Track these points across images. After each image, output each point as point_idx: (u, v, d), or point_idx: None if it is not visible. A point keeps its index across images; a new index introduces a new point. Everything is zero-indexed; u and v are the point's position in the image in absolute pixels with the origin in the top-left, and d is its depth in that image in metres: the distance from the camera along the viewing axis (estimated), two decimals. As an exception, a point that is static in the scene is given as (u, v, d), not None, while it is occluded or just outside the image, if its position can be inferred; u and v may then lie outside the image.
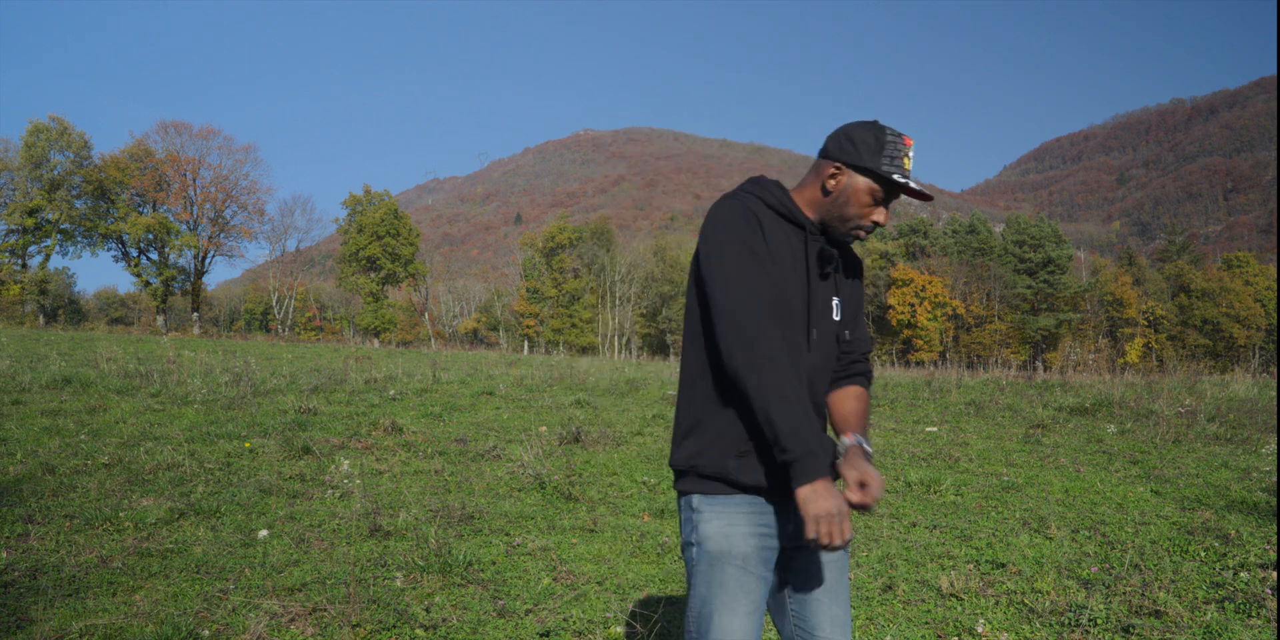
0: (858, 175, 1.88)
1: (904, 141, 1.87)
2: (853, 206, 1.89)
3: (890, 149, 1.85)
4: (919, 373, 20.74)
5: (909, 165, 1.87)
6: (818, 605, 1.90)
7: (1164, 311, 66.12)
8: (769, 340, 1.70)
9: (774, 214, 1.89)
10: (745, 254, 1.79)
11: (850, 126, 1.91)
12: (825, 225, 1.94)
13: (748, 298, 1.74)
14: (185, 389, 9.90)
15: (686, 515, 1.88)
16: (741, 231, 1.80)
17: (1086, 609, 3.58)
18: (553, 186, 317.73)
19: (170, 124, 52.48)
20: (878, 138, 1.86)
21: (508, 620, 3.58)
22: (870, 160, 1.85)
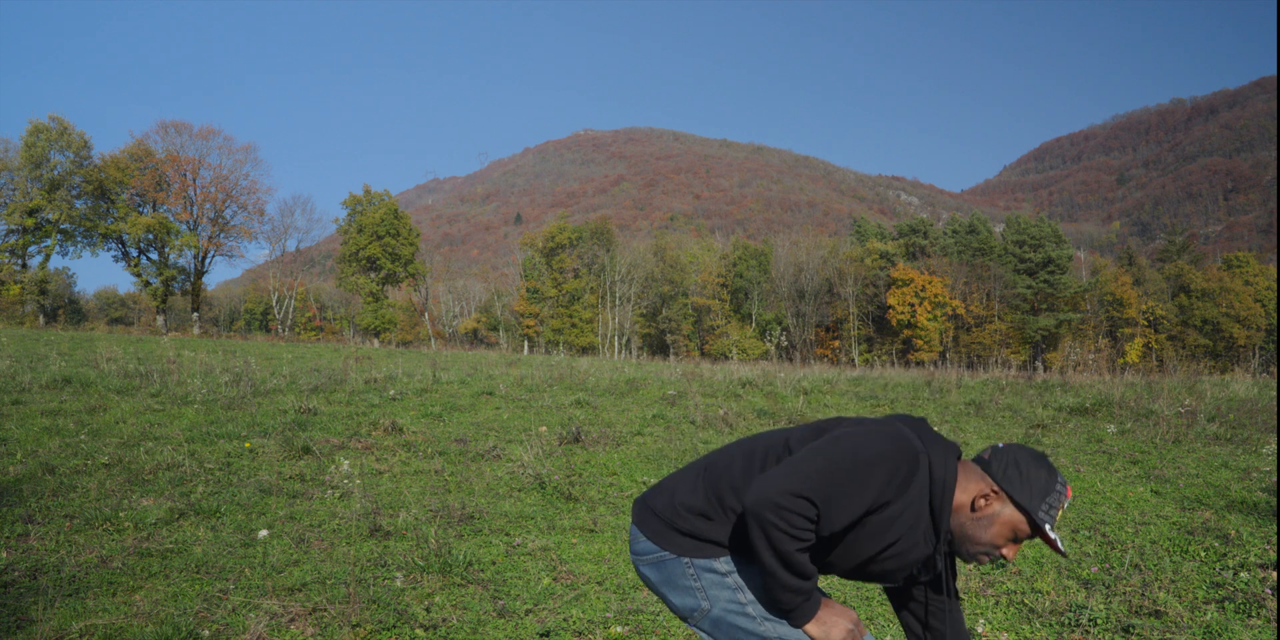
0: (1011, 508, 1.82)
1: (1066, 493, 1.84)
2: (991, 534, 1.83)
3: (1054, 498, 1.81)
4: (919, 373, 20.73)
5: (1059, 516, 1.87)
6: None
7: (1164, 311, 66.11)
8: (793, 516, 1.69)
9: (928, 502, 1.83)
10: (857, 483, 1.73)
11: (1024, 456, 1.86)
12: (952, 535, 1.88)
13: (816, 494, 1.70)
14: (185, 389, 9.90)
15: (713, 578, 1.86)
16: (882, 473, 1.75)
17: (1086, 609, 3.58)
18: (553, 186, 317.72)
19: (170, 124, 52.42)
20: (1049, 482, 1.81)
21: (508, 620, 3.58)
22: (1031, 502, 1.80)
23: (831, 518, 1.73)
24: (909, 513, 1.80)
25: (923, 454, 1.81)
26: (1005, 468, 1.84)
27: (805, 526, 1.71)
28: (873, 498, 1.75)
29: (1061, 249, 65.42)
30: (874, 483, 1.74)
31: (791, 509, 1.69)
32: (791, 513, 1.69)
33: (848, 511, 1.74)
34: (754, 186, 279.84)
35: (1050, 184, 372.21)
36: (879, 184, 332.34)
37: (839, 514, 1.74)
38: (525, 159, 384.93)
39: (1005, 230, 69.46)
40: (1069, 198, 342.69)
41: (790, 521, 1.69)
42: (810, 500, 1.70)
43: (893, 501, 1.77)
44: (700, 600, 1.86)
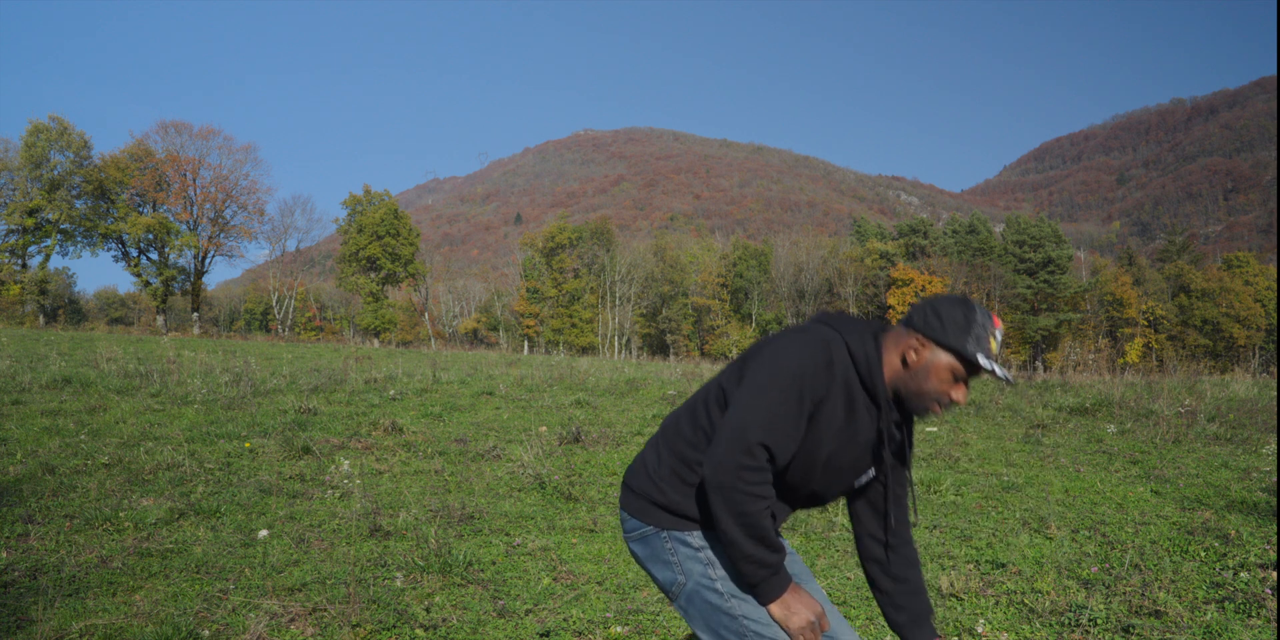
0: (940, 351, 1.84)
1: (993, 323, 1.84)
2: (931, 382, 1.85)
3: (978, 329, 1.82)
4: (919, 373, 20.71)
5: (995, 347, 1.83)
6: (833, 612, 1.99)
7: (1164, 311, 66.11)
8: (753, 473, 1.72)
9: (856, 374, 1.85)
10: (794, 398, 1.76)
11: (939, 301, 1.88)
12: (899, 396, 1.89)
13: (764, 436, 1.73)
14: (185, 389, 9.90)
15: (688, 552, 1.87)
16: (804, 380, 1.77)
17: (1086, 609, 3.58)
18: (553, 186, 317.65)
19: (170, 124, 52.44)
20: (967, 316, 1.83)
21: (508, 620, 3.58)
22: (956, 339, 1.81)
23: (783, 445, 1.76)
24: (844, 399, 1.82)
25: (834, 341, 1.83)
26: (924, 317, 1.86)
27: (764, 480, 1.74)
28: (807, 406, 1.77)
29: (1061, 249, 65.42)
30: (801, 392, 1.76)
31: (749, 465, 1.71)
32: (749, 470, 1.71)
33: (793, 430, 1.77)
34: (754, 186, 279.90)
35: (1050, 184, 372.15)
36: (879, 184, 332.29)
37: (785, 439, 1.76)
38: (525, 159, 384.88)
39: (1005, 230, 69.45)
40: (1069, 198, 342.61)
41: (748, 479, 1.72)
42: (763, 445, 1.73)
43: (825, 397, 1.79)
44: (677, 574, 1.88)
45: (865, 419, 1.86)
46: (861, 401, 1.85)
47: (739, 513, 1.72)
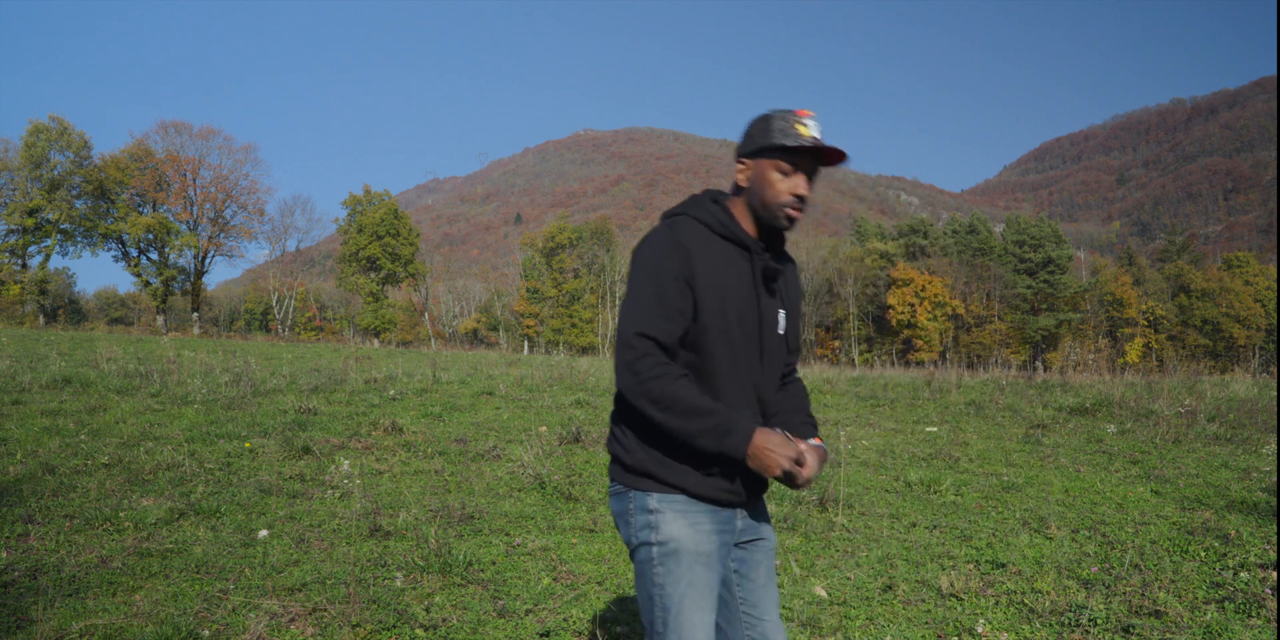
0: (760, 160, 1.92)
1: (795, 114, 1.90)
2: (768, 189, 1.92)
3: (778, 123, 1.89)
4: (919, 373, 20.73)
5: (807, 132, 1.88)
6: (764, 591, 2.00)
7: (1164, 311, 66.10)
8: (654, 360, 1.78)
9: (714, 236, 1.92)
10: (656, 283, 1.83)
11: (748, 124, 1.97)
12: (759, 219, 1.96)
13: (643, 327, 1.80)
14: (185, 389, 9.90)
15: (642, 517, 1.89)
16: (663, 264, 1.84)
17: (1086, 609, 3.58)
18: (553, 186, 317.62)
19: (170, 124, 52.43)
20: (765, 120, 1.91)
21: (508, 620, 3.58)
22: (761, 140, 1.89)
23: (663, 326, 1.81)
24: (714, 262, 1.88)
25: (677, 221, 1.91)
26: (740, 143, 1.96)
27: (658, 362, 1.79)
28: (677, 285, 1.83)
29: (1061, 249, 65.41)
30: (660, 276, 1.83)
31: (637, 356, 1.78)
32: (639, 359, 1.77)
33: (670, 310, 1.82)
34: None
35: (1050, 184, 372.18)
36: (879, 184, 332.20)
37: (664, 320, 1.81)
38: (525, 159, 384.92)
39: (1005, 230, 69.44)
40: (1069, 198, 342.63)
41: (642, 369, 1.77)
42: (640, 334, 1.79)
43: (694, 270, 1.84)
44: (630, 533, 1.92)
45: (743, 266, 1.93)
46: (733, 253, 1.92)
47: (653, 400, 1.77)
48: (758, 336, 1.96)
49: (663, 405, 1.77)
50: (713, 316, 1.87)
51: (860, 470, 7.00)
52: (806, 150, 1.88)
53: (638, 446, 1.91)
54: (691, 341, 1.89)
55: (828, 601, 3.88)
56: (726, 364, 1.91)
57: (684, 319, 1.84)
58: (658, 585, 1.85)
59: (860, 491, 6.18)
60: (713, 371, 1.90)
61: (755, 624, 1.97)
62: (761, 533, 2.03)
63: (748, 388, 1.95)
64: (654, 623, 1.87)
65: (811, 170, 1.93)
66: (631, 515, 1.91)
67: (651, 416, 1.80)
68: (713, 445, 1.77)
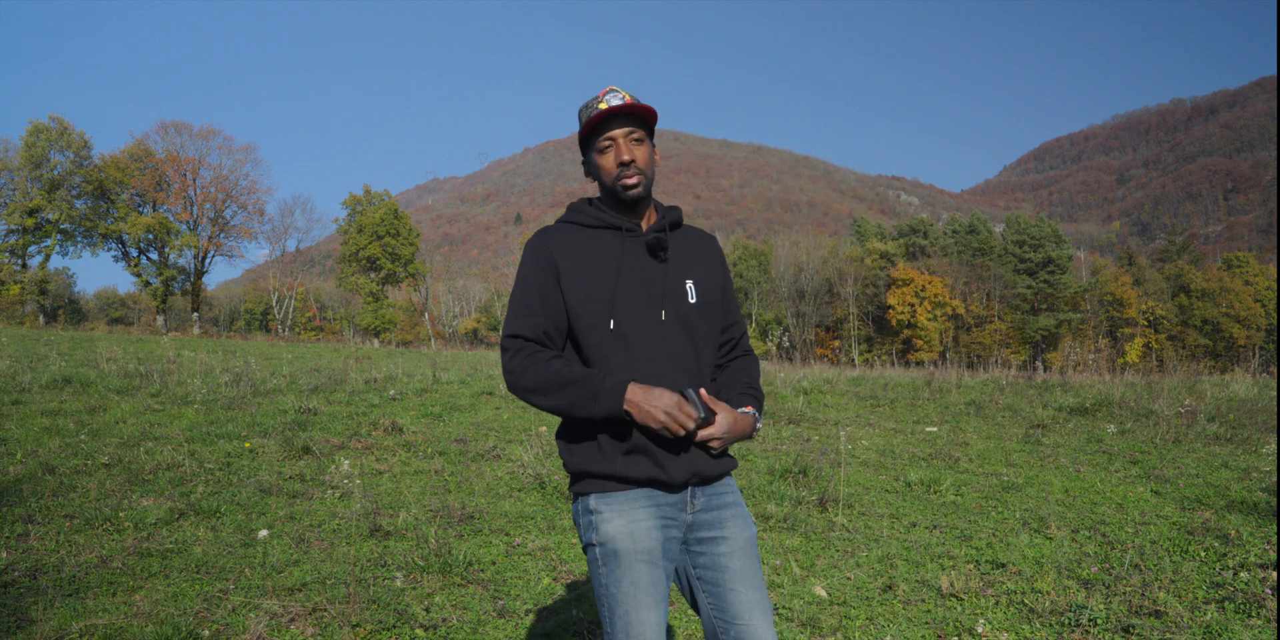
0: (589, 154, 2.01)
1: (596, 97, 1.98)
2: (601, 172, 1.99)
3: (583, 113, 1.99)
4: (919, 373, 20.72)
5: (605, 102, 1.95)
6: (734, 595, 1.94)
7: (1164, 311, 66.09)
8: (525, 351, 1.88)
9: (586, 229, 2.01)
10: (525, 284, 1.96)
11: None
12: (618, 200, 2.00)
13: (511, 329, 1.92)
14: (185, 389, 9.90)
15: (585, 519, 1.92)
16: (527, 270, 1.97)
17: (1086, 609, 3.58)
18: (553, 186, 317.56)
19: (170, 124, 52.43)
20: (580, 113, 2.02)
21: (508, 620, 3.58)
22: (581, 128, 1.99)
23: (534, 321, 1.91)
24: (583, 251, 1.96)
25: (546, 227, 2.04)
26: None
27: (529, 352, 1.88)
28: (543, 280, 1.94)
29: (1061, 249, 65.40)
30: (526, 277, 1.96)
31: (510, 353, 1.89)
32: (511, 356, 1.88)
33: (538, 304, 1.93)
34: (754, 186, 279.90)
35: (1050, 184, 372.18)
36: (879, 184, 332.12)
37: (534, 315, 1.92)
38: (525, 159, 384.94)
39: (1005, 230, 69.43)
40: (1069, 198, 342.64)
41: (516, 363, 1.87)
42: (513, 335, 1.90)
43: (557, 263, 1.94)
44: (581, 534, 1.97)
45: (619, 246, 1.98)
46: (607, 237, 1.99)
47: (530, 389, 1.85)
48: (660, 306, 1.96)
49: (538, 389, 1.85)
50: (586, 297, 1.92)
51: (860, 470, 7.00)
52: (610, 117, 1.93)
53: (569, 448, 1.96)
54: (576, 327, 1.95)
55: (828, 601, 3.88)
56: (624, 340, 1.92)
57: (551, 313, 1.93)
58: (603, 585, 1.88)
59: (860, 491, 6.18)
60: (610, 350, 1.92)
61: (728, 628, 1.93)
62: (725, 530, 1.96)
63: (666, 360, 1.94)
64: (605, 622, 1.90)
65: (628, 135, 1.96)
66: (579, 517, 1.96)
67: (536, 404, 1.86)
68: (592, 410, 1.82)
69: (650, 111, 1.95)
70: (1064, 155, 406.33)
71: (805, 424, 9.60)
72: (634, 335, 1.92)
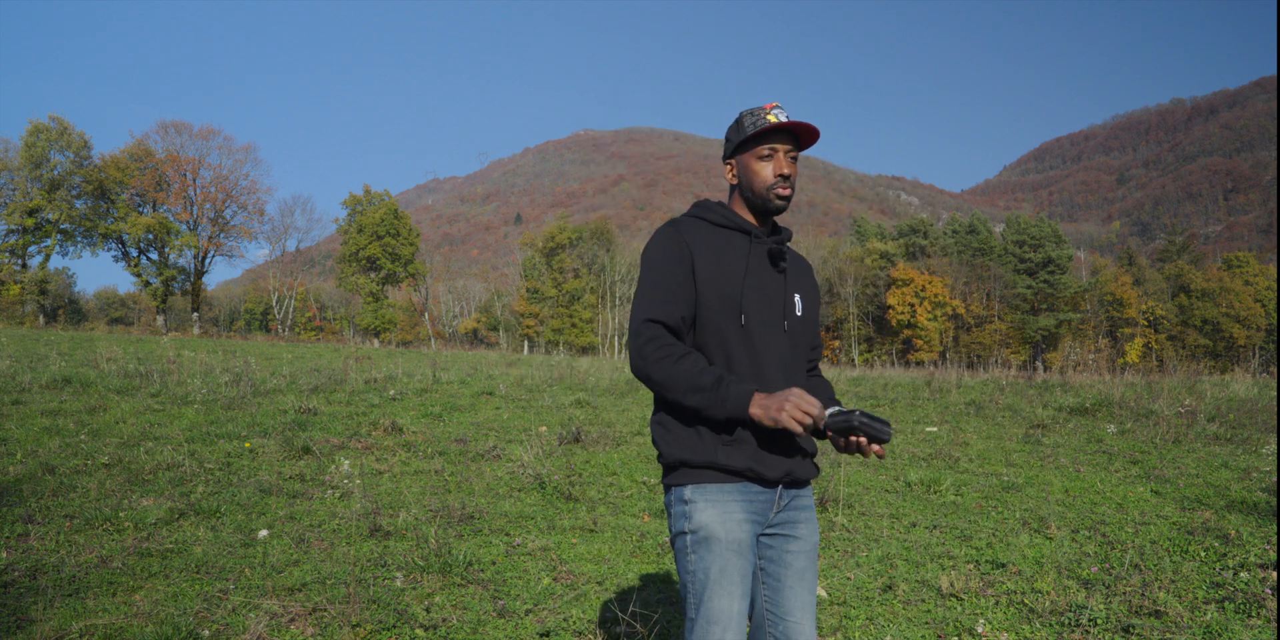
0: (741, 155, 2.08)
1: (763, 107, 2.05)
2: (755, 177, 2.05)
3: (748, 119, 2.05)
4: (919, 373, 20.72)
5: (774, 118, 2.02)
6: (790, 592, 2.02)
7: (1164, 311, 66.08)
8: (660, 343, 1.90)
9: (716, 227, 2.08)
10: (659, 273, 1.98)
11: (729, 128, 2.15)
12: (756, 210, 2.09)
13: (648, 313, 1.93)
14: (185, 389, 9.90)
15: (679, 508, 1.98)
16: (663, 256, 1.99)
17: (1086, 609, 3.58)
18: (553, 186, 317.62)
19: (170, 124, 52.42)
20: (737, 121, 2.08)
21: (508, 620, 3.58)
22: (737, 138, 2.07)
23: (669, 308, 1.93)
24: (715, 248, 2.01)
25: (678, 219, 2.08)
26: (723, 152, 2.15)
27: (666, 343, 1.90)
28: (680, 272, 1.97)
29: (1061, 249, 65.40)
30: (662, 266, 1.98)
31: (647, 339, 1.90)
32: (648, 342, 1.89)
33: (673, 294, 1.95)
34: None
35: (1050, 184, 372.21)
36: (879, 184, 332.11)
37: (669, 303, 1.94)
38: (525, 159, 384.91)
39: (1005, 230, 69.43)
40: (1069, 198, 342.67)
41: (651, 352, 1.88)
42: (650, 320, 1.92)
43: (693, 254, 1.98)
44: (672, 523, 2.02)
45: (746, 250, 2.05)
46: (735, 239, 2.06)
47: (659, 382, 1.89)
48: (781, 313, 2.06)
49: (665, 385, 1.89)
50: (718, 292, 1.98)
51: (860, 470, 7.00)
52: (777, 130, 2.03)
53: (667, 437, 1.99)
54: (703, 318, 1.99)
55: (828, 601, 3.88)
56: (743, 334, 1.99)
57: (685, 300, 1.96)
58: (690, 572, 1.93)
59: (860, 491, 6.18)
60: (735, 349, 1.98)
61: (777, 622, 2.01)
62: (797, 531, 2.05)
63: (779, 364, 2.02)
64: (688, 607, 1.95)
65: (787, 151, 2.06)
66: (671, 506, 2.01)
67: (661, 395, 1.92)
68: (716, 414, 1.87)
69: (814, 137, 2.07)
70: (1064, 155, 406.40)
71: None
72: (758, 336, 2.01)
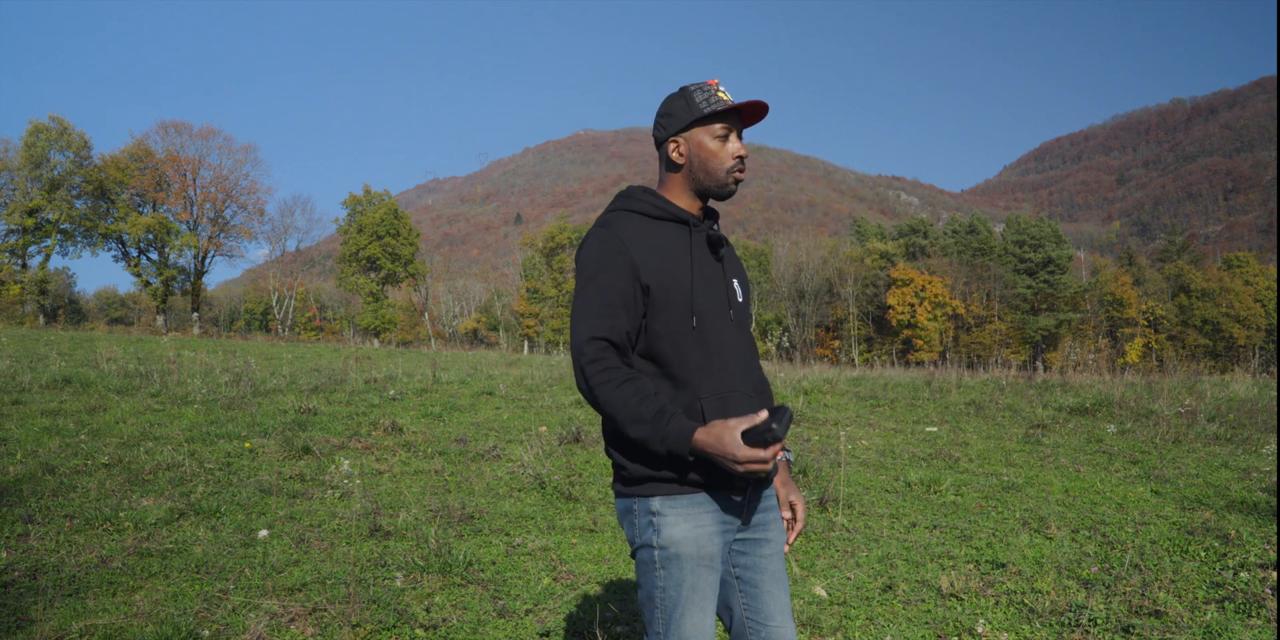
0: (692, 132, 1.95)
1: (708, 84, 1.95)
2: (710, 158, 1.94)
3: (698, 94, 1.93)
4: (919, 373, 20.72)
5: (726, 97, 1.94)
6: (769, 596, 1.97)
7: (1164, 311, 66.08)
8: (603, 365, 1.78)
9: (651, 220, 1.94)
10: (599, 291, 1.84)
11: (660, 107, 2.00)
12: (704, 191, 1.98)
13: (591, 330, 1.81)
14: (185, 389, 9.90)
15: (646, 519, 1.87)
16: (602, 266, 1.85)
17: (1086, 609, 3.58)
18: (553, 186, 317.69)
19: (170, 124, 52.45)
20: (683, 95, 1.95)
21: (508, 620, 3.58)
22: (689, 114, 1.93)
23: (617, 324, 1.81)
24: (656, 244, 1.89)
25: (611, 215, 1.94)
26: (660, 125, 1.99)
27: (612, 364, 1.78)
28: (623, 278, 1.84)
29: (1061, 249, 65.40)
30: (601, 274, 1.84)
31: (593, 360, 1.78)
32: (594, 363, 1.77)
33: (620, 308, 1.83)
34: (754, 186, 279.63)
35: (1050, 184, 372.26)
36: (879, 184, 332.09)
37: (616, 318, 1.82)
38: (525, 159, 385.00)
39: (1005, 230, 69.43)
40: (1069, 198, 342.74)
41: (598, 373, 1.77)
42: (594, 338, 1.79)
43: (634, 258, 1.85)
44: (634, 533, 1.91)
45: (687, 241, 1.95)
46: (673, 231, 1.94)
47: (601, 408, 1.77)
48: (726, 305, 1.97)
49: (609, 412, 1.77)
50: (667, 294, 1.88)
51: (860, 470, 7.00)
52: (736, 110, 1.93)
53: (628, 454, 1.88)
54: (653, 326, 1.88)
55: (828, 601, 3.88)
56: (695, 335, 1.90)
57: (631, 313, 1.85)
58: (659, 587, 1.85)
59: (860, 491, 6.18)
60: (689, 350, 1.89)
61: (758, 629, 1.95)
62: (768, 533, 1.99)
63: (734, 358, 1.95)
64: (654, 622, 1.88)
65: (739, 132, 1.98)
66: (635, 516, 1.90)
67: (605, 414, 1.81)
68: (658, 450, 1.76)
69: (760, 118, 1.99)
70: (1064, 155, 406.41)
71: (805, 424, 9.59)
72: (710, 333, 1.92)
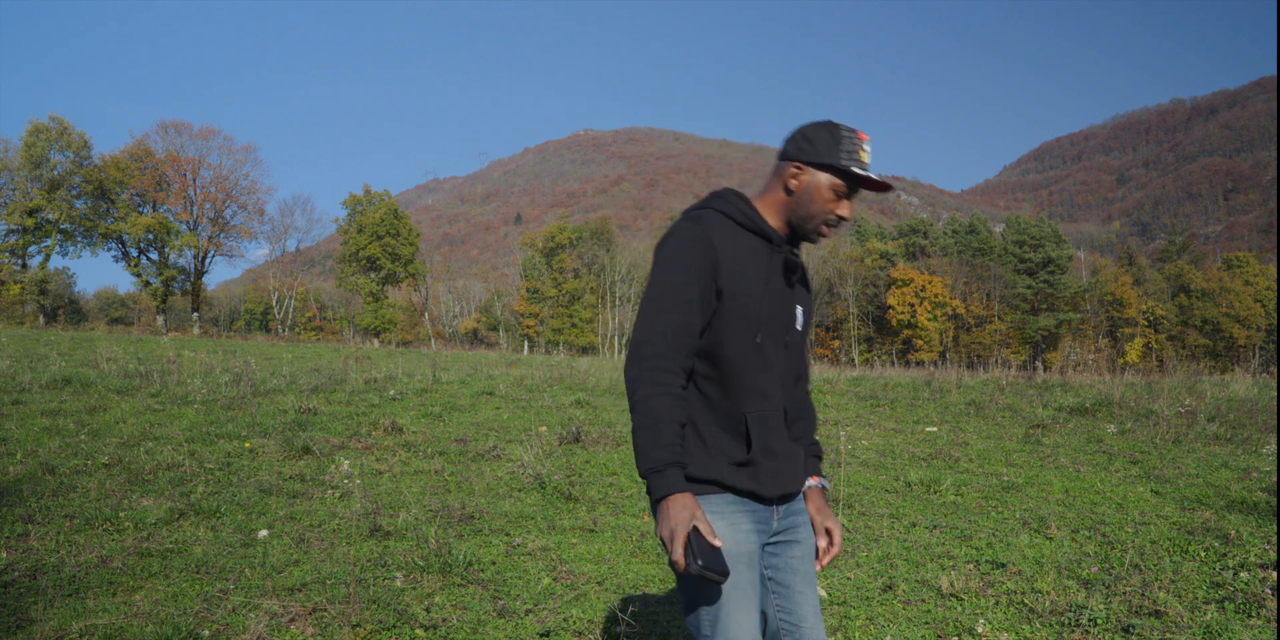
0: (818, 172, 1.91)
1: (859, 136, 1.91)
2: (816, 203, 1.92)
3: (846, 144, 1.89)
4: (919, 373, 20.72)
5: (866, 159, 1.90)
6: (801, 597, 1.97)
7: (1164, 311, 66.08)
8: (660, 365, 1.77)
9: (739, 228, 1.92)
10: (677, 286, 1.81)
11: (806, 127, 1.94)
12: (791, 225, 1.97)
13: (660, 325, 1.79)
14: (185, 389, 9.90)
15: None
16: (686, 261, 1.83)
17: (1086, 609, 3.58)
18: (553, 186, 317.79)
19: (170, 124, 52.52)
20: (833, 134, 1.90)
21: (508, 620, 3.58)
22: (829, 156, 1.89)
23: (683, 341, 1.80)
24: (739, 254, 1.87)
25: (703, 215, 1.90)
26: (797, 144, 1.93)
27: (666, 367, 1.77)
28: (701, 285, 1.81)
29: (1061, 249, 65.41)
30: (685, 279, 1.81)
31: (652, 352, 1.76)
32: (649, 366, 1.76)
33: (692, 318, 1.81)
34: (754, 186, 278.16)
35: (1050, 184, 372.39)
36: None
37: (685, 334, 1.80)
38: (525, 159, 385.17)
39: (1005, 230, 69.44)
40: (1069, 198, 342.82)
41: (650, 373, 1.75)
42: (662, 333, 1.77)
43: (718, 261, 1.83)
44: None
45: (767, 259, 1.93)
46: (757, 245, 1.92)
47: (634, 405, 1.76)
48: (782, 327, 1.96)
49: (638, 410, 1.76)
50: (738, 304, 1.87)
51: (860, 470, 7.00)
52: (867, 181, 1.90)
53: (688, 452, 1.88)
54: (717, 330, 1.87)
55: (828, 601, 3.88)
56: (756, 351, 1.90)
57: (703, 312, 1.84)
58: (699, 587, 1.84)
59: (860, 491, 6.18)
60: (746, 362, 1.89)
61: (792, 631, 1.95)
62: (798, 534, 1.99)
63: (777, 382, 1.94)
64: (700, 626, 1.85)
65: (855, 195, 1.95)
66: None
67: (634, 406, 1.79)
68: (641, 469, 1.76)
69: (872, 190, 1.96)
70: (1064, 155, 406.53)
71: (805, 424, 9.59)
72: (769, 351, 1.91)
